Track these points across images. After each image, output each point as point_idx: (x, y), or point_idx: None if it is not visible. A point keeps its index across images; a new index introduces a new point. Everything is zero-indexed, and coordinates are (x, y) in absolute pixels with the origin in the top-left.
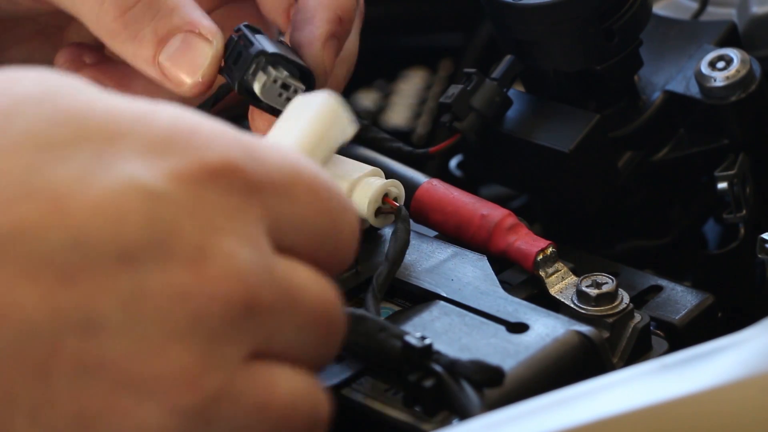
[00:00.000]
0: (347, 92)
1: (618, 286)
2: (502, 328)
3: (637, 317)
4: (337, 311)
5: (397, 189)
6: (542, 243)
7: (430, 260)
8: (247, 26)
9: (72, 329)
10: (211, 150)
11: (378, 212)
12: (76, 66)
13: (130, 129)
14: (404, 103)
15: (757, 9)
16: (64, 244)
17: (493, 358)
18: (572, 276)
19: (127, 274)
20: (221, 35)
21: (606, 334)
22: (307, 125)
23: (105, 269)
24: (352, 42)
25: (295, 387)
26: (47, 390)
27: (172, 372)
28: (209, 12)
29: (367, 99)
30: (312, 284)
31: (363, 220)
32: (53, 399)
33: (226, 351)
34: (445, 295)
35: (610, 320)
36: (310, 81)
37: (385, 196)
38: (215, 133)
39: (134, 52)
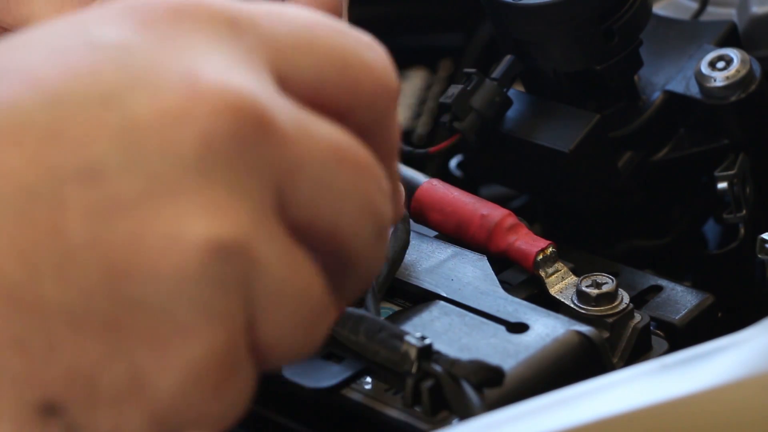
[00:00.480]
0: None
1: (618, 286)
2: (502, 328)
3: (637, 317)
4: (368, 158)
5: None
6: (542, 243)
7: (430, 260)
8: None
9: (71, 180)
10: None
11: None
12: None
13: (90, 11)
14: (404, 103)
15: (757, 9)
16: (39, 105)
17: (493, 358)
18: (572, 276)
19: (111, 112)
20: None
21: (606, 334)
22: None
23: (86, 115)
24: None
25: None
26: (66, 245)
27: (197, 206)
28: None
29: None
30: (329, 126)
31: None
32: (74, 252)
33: (249, 182)
34: (445, 295)
35: (610, 320)
36: None
37: None
38: None
39: None
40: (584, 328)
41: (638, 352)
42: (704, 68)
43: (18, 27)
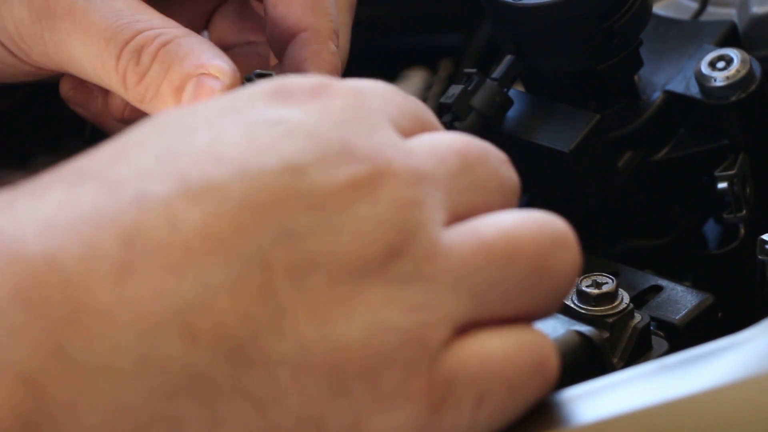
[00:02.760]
0: None
1: (618, 286)
2: None
3: (637, 317)
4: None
5: None
6: None
7: None
8: (258, 75)
9: (271, 243)
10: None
11: None
12: (83, 92)
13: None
14: None
15: (757, 9)
16: (232, 179)
17: None
18: None
19: (295, 179)
20: (233, 73)
21: (606, 334)
22: None
23: (274, 182)
24: (343, 41)
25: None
26: (277, 301)
27: (381, 248)
28: (235, 45)
29: None
30: None
31: None
32: (285, 307)
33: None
34: None
35: (610, 320)
36: None
37: None
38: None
39: (157, 107)
40: (584, 328)
41: (638, 352)
42: (704, 68)
43: (57, 70)
